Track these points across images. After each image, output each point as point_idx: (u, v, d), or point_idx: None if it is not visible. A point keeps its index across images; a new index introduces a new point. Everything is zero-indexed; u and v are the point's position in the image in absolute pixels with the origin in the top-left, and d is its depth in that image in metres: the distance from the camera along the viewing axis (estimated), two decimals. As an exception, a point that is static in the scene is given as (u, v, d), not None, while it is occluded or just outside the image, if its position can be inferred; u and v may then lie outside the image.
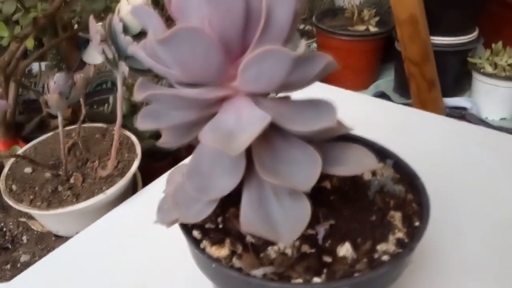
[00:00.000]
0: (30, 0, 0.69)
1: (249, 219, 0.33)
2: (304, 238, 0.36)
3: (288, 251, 0.35)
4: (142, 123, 0.34)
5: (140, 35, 0.50)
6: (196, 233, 0.37)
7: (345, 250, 0.36)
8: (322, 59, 0.31)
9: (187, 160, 0.46)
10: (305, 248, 0.36)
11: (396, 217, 0.40)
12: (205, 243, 0.36)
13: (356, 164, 0.36)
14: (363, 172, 0.41)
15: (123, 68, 0.51)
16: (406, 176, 0.44)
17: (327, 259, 0.35)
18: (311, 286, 0.33)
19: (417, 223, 0.39)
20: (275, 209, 0.34)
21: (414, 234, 0.38)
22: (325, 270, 0.34)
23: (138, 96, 0.31)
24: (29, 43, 0.69)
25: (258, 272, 0.33)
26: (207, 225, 0.38)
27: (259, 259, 0.35)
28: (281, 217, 0.34)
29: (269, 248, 0.36)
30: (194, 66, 0.30)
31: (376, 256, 0.36)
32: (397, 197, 0.42)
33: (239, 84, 0.31)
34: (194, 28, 0.27)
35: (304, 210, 0.33)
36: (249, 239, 0.37)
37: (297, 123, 0.31)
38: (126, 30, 0.49)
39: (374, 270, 0.33)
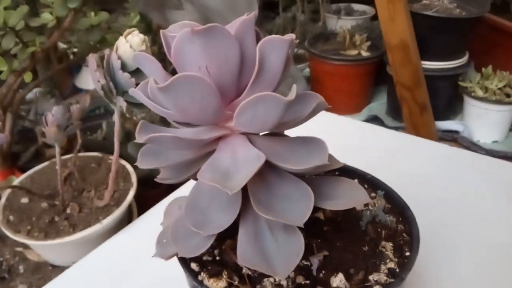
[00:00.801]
0: (28, 35, 0.70)
1: (245, 253, 0.34)
2: (299, 269, 0.37)
3: (284, 283, 0.36)
4: (143, 162, 0.36)
5: (137, 72, 0.52)
6: (194, 266, 0.38)
7: (338, 280, 0.36)
8: (314, 99, 0.33)
9: (182, 190, 0.47)
10: (300, 279, 0.37)
11: (388, 247, 0.41)
12: (203, 275, 0.37)
13: (347, 198, 0.37)
14: (354, 206, 0.42)
15: (121, 103, 0.52)
16: (397, 206, 0.45)
17: None
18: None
19: (407, 253, 0.40)
20: (270, 243, 0.35)
21: (405, 264, 0.39)
22: None
23: (139, 139, 0.33)
24: (27, 77, 0.70)
25: None
26: (205, 257, 0.39)
27: None
28: (275, 251, 0.35)
29: (265, 279, 0.37)
30: (192, 109, 0.31)
31: (368, 286, 0.37)
32: (389, 227, 0.43)
33: (234, 125, 0.32)
34: (193, 76, 0.29)
35: (297, 244, 0.34)
36: (245, 271, 0.38)
37: (290, 162, 0.32)
38: (124, 66, 0.51)
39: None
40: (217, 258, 0.39)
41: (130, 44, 0.50)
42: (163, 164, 0.36)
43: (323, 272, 0.37)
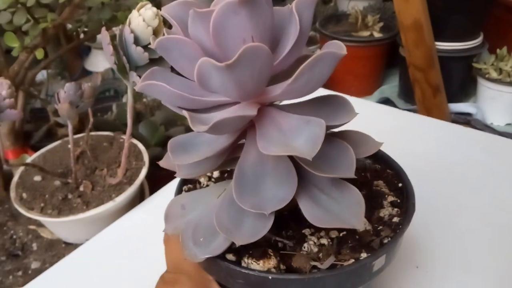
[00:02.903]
0: (40, 11, 0.70)
1: (317, 216, 0.34)
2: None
3: (324, 241, 0.37)
4: (175, 157, 0.35)
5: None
6: (230, 256, 0.37)
7: (362, 225, 0.38)
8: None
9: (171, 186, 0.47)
10: (334, 234, 0.38)
11: (380, 185, 0.44)
12: (247, 261, 0.36)
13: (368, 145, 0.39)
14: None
15: (134, 78, 0.51)
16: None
17: (355, 236, 0.38)
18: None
19: (400, 184, 0.44)
20: (329, 203, 0.35)
21: (404, 194, 0.42)
22: (363, 249, 0.36)
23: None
24: (39, 54, 0.70)
25: (326, 264, 0.35)
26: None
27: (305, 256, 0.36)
28: (338, 208, 0.35)
29: (305, 244, 0.37)
30: (250, 84, 0.30)
31: (386, 220, 0.40)
32: (371, 169, 0.46)
33: (277, 95, 0.32)
34: (257, 47, 0.28)
35: (354, 194, 0.35)
36: (281, 243, 0.38)
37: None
38: (137, 41, 0.50)
39: (398, 231, 0.37)
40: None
41: (143, 17, 0.49)
42: (194, 157, 0.35)
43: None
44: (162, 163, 0.41)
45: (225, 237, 0.35)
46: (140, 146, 0.79)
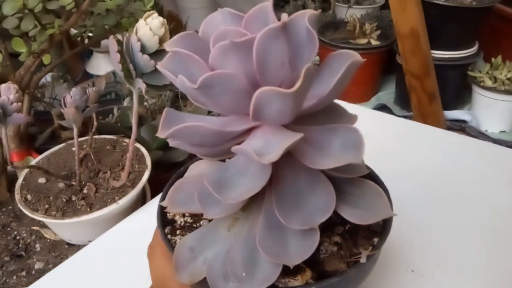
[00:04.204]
0: (47, 17, 0.72)
1: (359, 216, 0.36)
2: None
3: (337, 239, 0.39)
4: (224, 196, 0.33)
5: (156, 54, 0.53)
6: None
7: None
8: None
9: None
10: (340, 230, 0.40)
11: None
12: (284, 281, 0.36)
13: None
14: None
15: (140, 84, 0.53)
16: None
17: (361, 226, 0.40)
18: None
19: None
20: (359, 201, 0.37)
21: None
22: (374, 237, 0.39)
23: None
24: (46, 59, 0.72)
25: (364, 256, 0.37)
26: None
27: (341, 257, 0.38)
28: (366, 203, 0.37)
29: (321, 247, 0.38)
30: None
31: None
32: None
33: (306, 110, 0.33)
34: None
35: (373, 187, 0.38)
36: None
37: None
38: (143, 49, 0.52)
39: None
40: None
41: (149, 26, 0.51)
42: (249, 193, 0.33)
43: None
44: (169, 209, 0.42)
45: (272, 263, 0.34)
46: (143, 149, 0.81)
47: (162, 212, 0.44)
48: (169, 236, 0.42)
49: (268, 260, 0.34)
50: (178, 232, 0.42)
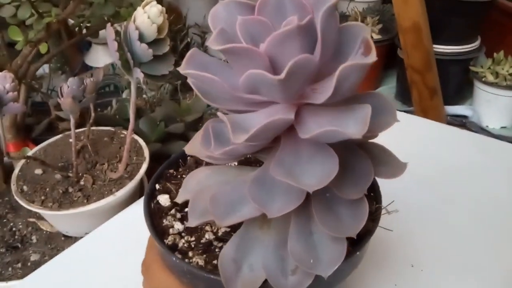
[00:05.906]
0: (44, 5, 0.71)
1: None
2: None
3: None
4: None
5: (154, 43, 0.52)
6: None
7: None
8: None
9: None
10: None
11: None
12: None
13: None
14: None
15: (138, 74, 0.52)
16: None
17: None
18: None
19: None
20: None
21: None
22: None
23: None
24: (43, 48, 0.71)
25: None
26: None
27: None
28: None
29: None
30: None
31: None
32: None
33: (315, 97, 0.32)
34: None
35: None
36: None
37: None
38: (141, 37, 0.51)
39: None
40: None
41: (148, 14, 0.50)
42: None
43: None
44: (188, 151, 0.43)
45: (334, 238, 0.35)
46: (141, 141, 0.80)
47: (152, 224, 0.42)
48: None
49: (328, 237, 0.35)
50: (170, 238, 0.41)
